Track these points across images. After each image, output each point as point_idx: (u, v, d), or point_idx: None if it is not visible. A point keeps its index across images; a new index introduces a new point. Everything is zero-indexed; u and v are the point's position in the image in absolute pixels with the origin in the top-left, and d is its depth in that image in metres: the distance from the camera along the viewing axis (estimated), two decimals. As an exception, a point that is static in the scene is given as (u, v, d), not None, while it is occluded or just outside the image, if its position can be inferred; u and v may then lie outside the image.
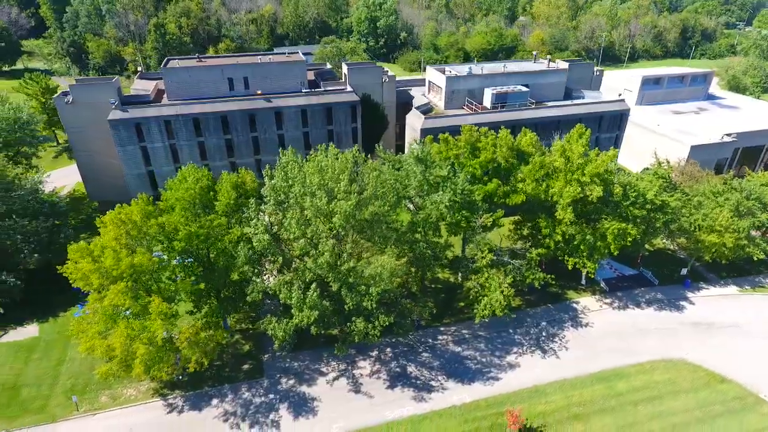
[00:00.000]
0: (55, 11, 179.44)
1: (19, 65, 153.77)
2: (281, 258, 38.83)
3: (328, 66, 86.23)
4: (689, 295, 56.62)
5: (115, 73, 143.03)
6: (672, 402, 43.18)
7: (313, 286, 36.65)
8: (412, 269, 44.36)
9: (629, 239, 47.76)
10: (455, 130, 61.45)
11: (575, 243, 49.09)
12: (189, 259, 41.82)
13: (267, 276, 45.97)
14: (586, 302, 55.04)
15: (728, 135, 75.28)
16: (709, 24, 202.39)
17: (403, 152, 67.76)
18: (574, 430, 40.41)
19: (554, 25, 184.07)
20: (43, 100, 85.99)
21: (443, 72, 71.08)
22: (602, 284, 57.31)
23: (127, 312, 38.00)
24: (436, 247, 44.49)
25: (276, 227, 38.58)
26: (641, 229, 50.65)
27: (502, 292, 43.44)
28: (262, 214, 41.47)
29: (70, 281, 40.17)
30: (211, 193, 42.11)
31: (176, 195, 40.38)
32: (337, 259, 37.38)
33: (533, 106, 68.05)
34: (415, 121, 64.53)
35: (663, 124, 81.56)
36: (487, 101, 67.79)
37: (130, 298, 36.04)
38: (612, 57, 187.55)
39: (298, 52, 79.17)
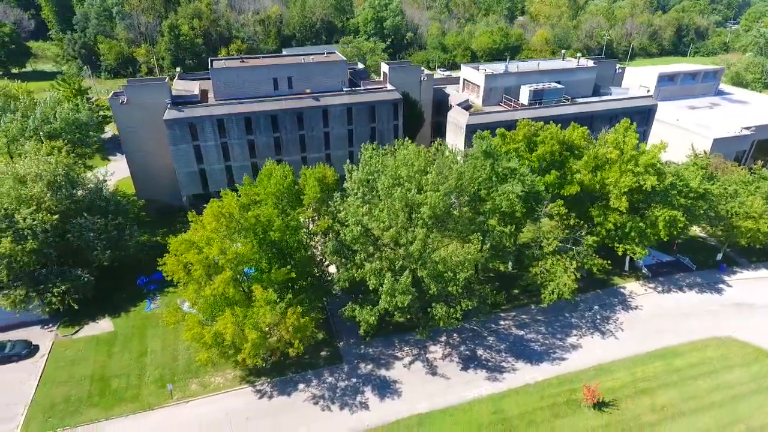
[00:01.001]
0: (57, 13, 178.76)
1: (27, 68, 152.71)
2: (371, 247, 40.89)
3: (360, 66, 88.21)
4: (726, 278, 59.99)
5: (128, 75, 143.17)
6: (727, 376, 46.28)
7: (407, 272, 38.78)
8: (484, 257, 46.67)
9: (680, 225, 50.86)
10: (497, 126, 64.23)
11: (626, 230, 52.04)
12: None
13: (327, 265, 48.24)
14: (632, 287, 58.06)
15: (746, 128, 79.14)
16: (702, 23, 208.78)
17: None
18: (643, 404, 43.22)
19: (555, 25, 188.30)
20: (76, 101, 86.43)
21: (477, 69, 73.78)
22: (644, 270, 60.38)
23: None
24: (504, 236, 46.94)
25: (365, 218, 40.57)
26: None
27: (569, 276, 46.08)
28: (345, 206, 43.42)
29: (166, 274, 41.95)
30: (296, 187, 43.89)
31: (267, 190, 42.08)
32: (426, 247, 39.57)
33: (569, 103, 71.01)
34: (459, 118, 66.96)
35: (681, 118, 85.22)
36: (524, 98, 70.54)
37: (233, 287, 37.80)
38: (610, 56, 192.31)
39: (335, 52, 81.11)
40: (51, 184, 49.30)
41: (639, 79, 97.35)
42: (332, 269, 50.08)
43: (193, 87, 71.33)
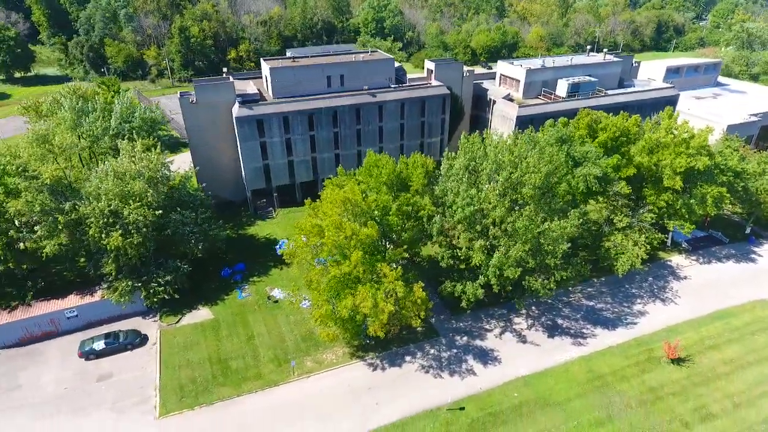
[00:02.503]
0: (49, 16, 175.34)
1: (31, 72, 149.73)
2: (478, 226, 44.88)
3: (397, 63, 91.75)
4: (755, 249, 66.49)
5: (137, 78, 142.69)
6: (780, 331, 52.35)
7: (518, 246, 42.92)
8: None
9: (726, 201, 56.77)
10: (543, 116, 69.23)
11: (677, 207, 57.65)
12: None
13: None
14: (677, 260, 63.82)
15: (754, 115, 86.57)
16: (679, 19, 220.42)
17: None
18: (714, 358, 48.65)
19: (545, 23, 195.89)
20: (114, 102, 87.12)
21: (512, 65, 78.69)
22: (684, 245, 66.30)
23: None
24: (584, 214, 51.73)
25: (474, 199, 44.43)
26: (726, 193, 59.79)
27: (640, 248, 51.18)
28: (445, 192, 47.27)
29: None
30: (399, 175, 47.45)
31: (379, 179, 45.55)
32: (530, 223, 43.80)
33: (602, 94, 76.60)
34: (509, 110, 71.57)
35: (692, 108, 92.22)
36: (561, 91, 75.71)
37: (363, 264, 41.16)
38: (597, 52, 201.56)
39: (377, 51, 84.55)
40: (151, 180, 51.34)
41: (646, 72, 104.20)
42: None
43: (245, 86, 73.63)
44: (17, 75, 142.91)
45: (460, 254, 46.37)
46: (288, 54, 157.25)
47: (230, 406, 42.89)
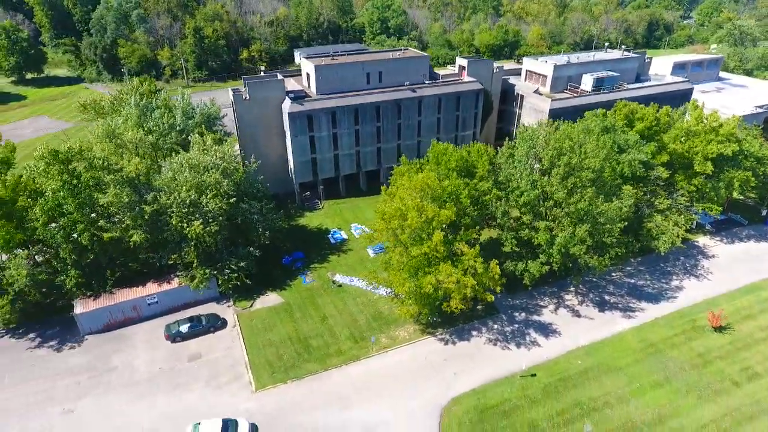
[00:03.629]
0: (52, 18, 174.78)
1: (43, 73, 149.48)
2: (541, 208, 48.64)
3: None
4: (774, 230, 71.85)
5: (151, 77, 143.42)
6: (806, 301, 57.24)
7: (583, 226, 46.78)
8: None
9: (752, 184, 61.61)
10: (574, 109, 73.49)
11: (707, 190, 62.32)
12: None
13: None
14: (703, 241, 68.54)
15: (759, 107, 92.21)
16: (669, 18, 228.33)
17: (505, 136, 78.60)
18: (751, 326, 53.20)
19: (543, 22, 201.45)
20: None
21: (537, 61, 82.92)
22: (708, 226, 71.15)
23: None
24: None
25: (538, 183, 48.17)
26: (749, 178, 64.66)
27: (680, 227, 55.58)
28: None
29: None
30: (465, 162, 50.94)
31: (449, 165, 49.02)
32: (591, 204, 47.71)
33: (624, 88, 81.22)
34: (541, 104, 75.62)
35: (701, 100, 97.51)
36: (586, 85, 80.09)
37: (443, 243, 44.56)
38: (594, 50, 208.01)
39: (409, 49, 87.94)
40: (224, 171, 54.01)
41: (654, 68, 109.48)
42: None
43: (289, 84, 76.40)
44: (29, 76, 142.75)
45: (522, 235, 50.12)
46: (297, 54, 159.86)
47: (319, 380, 45.96)
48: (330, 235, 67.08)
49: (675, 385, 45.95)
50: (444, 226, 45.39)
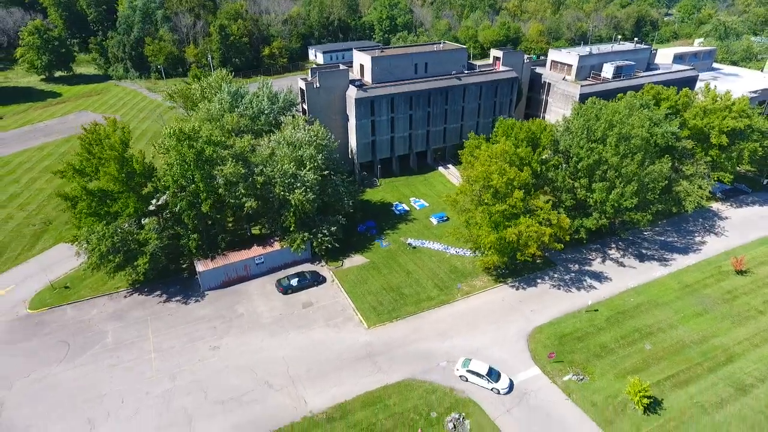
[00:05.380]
0: (66, 18, 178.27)
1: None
2: (599, 171, 57.73)
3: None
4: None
5: (178, 75, 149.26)
6: (808, 250, 67.69)
7: (632, 183, 56.01)
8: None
9: (760, 154, 71.91)
10: (599, 92, 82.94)
11: (721, 160, 72.43)
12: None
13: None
14: (716, 206, 78.76)
15: (753, 92, 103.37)
16: (655, 15, 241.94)
17: (528, 119, 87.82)
18: (766, 269, 63.12)
19: (541, 19, 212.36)
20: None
21: (560, 52, 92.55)
22: (719, 194, 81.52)
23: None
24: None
25: (596, 150, 57.28)
26: (756, 149, 75.06)
27: (704, 190, 65.47)
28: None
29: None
30: (532, 134, 59.69)
31: (519, 136, 57.77)
32: (640, 166, 56.94)
33: (640, 75, 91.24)
34: (571, 89, 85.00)
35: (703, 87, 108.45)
36: (607, 73, 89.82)
37: (521, 200, 53.26)
38: (587, 44, 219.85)
39: (447, 42, 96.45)
40: (318, 147, 61.79)
41: (657, 59, 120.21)
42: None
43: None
44: (57, 74, 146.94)
45: (579, 195, 59.21)
46: (311, 50, 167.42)
47: (419, 319, 54.24)
48: (394, 207, 75.27)
49: (712, 314, 55.56)
50: (522, 185, 54.10)
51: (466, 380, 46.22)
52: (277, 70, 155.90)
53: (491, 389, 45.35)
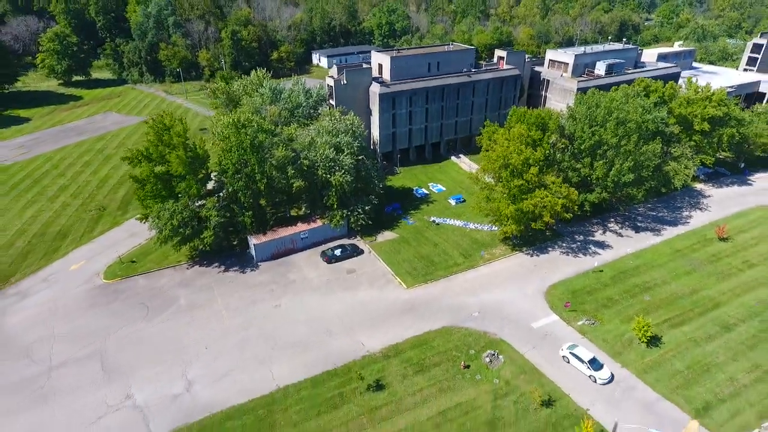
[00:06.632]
0: (75, 26, 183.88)
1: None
2: (600, 151, 66.63)
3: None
4: (749, 177, 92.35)
5: (191, 78, 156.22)
6: (781, 221, 77.38)
7: (629, 160, 64.97)
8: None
9: (738, 139, 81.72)
10: (594, 87, 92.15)
11: (702, 145, 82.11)
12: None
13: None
14: (700, 186, 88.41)
15: (731, 87, 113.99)
16: (637, 19, 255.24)
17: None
18: (746, 237, 72.44)
19: (530, 24, 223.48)
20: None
21: (556, 52, 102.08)
22: (702, 176, 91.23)
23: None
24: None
25: (596, 132, 66.24)
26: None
27: (690, 169, 74.91)
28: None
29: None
30: (542, 120, 68.38)
31: (530, 121, 66.50)
32: (636, 146, 65.94)
33: (629, 72, 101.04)
34: (569, 84, 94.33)
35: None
36: (600, 70, 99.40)
37: (536, 175, 61.80)
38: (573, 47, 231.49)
39: (456, 43, 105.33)
40: (353, 134, 69.80)
41: (642, 58, 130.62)
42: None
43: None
44: (74, 79, 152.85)
45: (583, 173, 68.04)
46: (314, 55, 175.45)
47: (449, 281, 62.36)
48: (414, 191, 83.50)
49: (700, 272, 64.56)
50: (536, 162, 62.72)
51: (568, 362, 49.27)
52: (285, 73, 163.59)
53: (588, 376, 47.34)
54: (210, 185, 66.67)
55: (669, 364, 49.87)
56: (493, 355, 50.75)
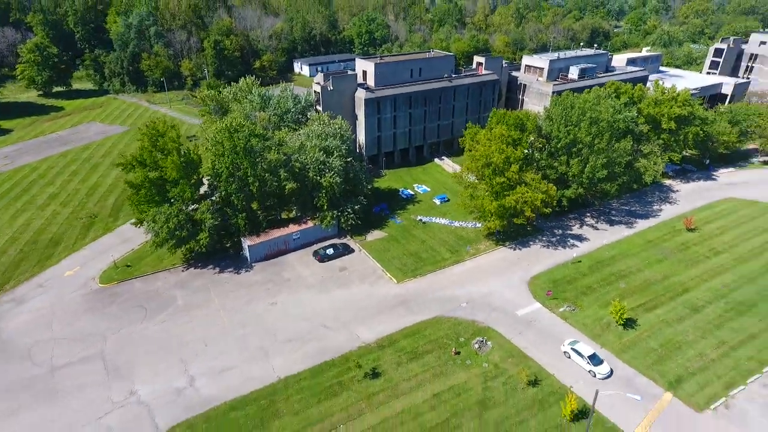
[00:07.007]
0: (53, 37, 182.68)
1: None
2: (575, 149, 70.73)
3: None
4: (714, 174, 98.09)
5: (174, 87, 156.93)
6: (744, 211, 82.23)
7: (601, 157, 69.18)
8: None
9: (702, 137, 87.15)
10: (568, 90, 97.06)
11: (670, 143, 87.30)
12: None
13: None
14: (668, 182, 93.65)
15: (695, 89, 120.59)
16: (606, 26, 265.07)
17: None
18: (712, 227, 77.44)
19: (506, 32, 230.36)
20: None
21: (532, 57, 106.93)
22: (670, 173, 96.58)
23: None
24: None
25: (570, 132, 70.34)
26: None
27: (660, 166, 79.73)
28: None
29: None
30: (520, 121, 72.22)
31: (509, 122, 70.25)
32: (608, 144, 70.24)
33: (601, 75, 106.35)
34: (545, 88, 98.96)
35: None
36: (573, 74, 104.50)
37: (516, 173, 65.39)
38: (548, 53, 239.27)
39: (436, 50, 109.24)
40: (341, 138, 72.52)
41: (613, 63, 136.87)
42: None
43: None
44: (54, 90, 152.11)
45: (560, 170, 72.02)
46: (296, 63, 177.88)
47: (438, 275, 65.30)
48: (400, 192, 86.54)
49: (670, 261, 68.94)
50: (516, 161, 66.37)
51: (569, 357, 50.93)
52: (267, 81, 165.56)
53: (588, 371, 48.97)
54: (202, 189, 68.50)
55: (644, 344, 53.60)
56: (482, 341, 53.73)
